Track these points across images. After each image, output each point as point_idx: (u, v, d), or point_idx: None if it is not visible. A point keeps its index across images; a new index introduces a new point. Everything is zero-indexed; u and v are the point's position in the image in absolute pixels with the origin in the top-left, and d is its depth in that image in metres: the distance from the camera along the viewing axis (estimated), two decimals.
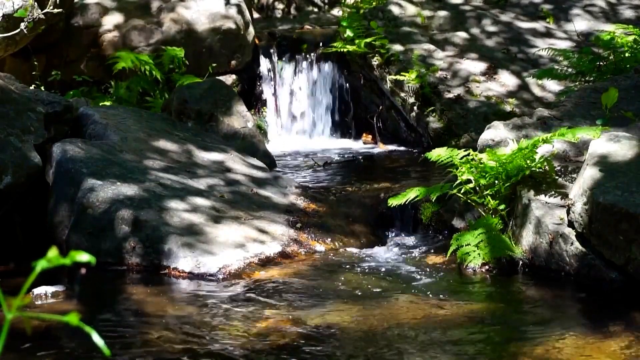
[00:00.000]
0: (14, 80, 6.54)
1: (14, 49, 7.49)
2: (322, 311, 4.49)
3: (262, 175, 6.51)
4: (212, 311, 4.50)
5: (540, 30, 9.25)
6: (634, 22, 8.93)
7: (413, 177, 7.11)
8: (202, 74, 8.75)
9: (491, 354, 3.95)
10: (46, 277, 5.09)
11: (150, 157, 6.18)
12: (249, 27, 9.25)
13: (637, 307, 4.55)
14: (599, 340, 4.02)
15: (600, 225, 4.77)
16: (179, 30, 8.85)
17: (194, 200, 5.69)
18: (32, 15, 6.54)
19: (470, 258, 5.16)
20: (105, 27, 8.72)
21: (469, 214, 5.88)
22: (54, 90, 8.10)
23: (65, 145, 5.84)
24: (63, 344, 4.13)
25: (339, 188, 6.72)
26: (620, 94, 5.99)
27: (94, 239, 5.33)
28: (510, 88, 8.40)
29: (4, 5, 6.98)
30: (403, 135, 8.87)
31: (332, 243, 5.75)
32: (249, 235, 5.48)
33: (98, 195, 5.43)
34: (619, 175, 4.89)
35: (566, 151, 5.68)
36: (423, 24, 9.30)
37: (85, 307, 4.73)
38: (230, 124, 7.52)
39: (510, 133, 5.96)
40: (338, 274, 5.15)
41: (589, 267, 4.89)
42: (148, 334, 4.17)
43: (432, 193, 5.66)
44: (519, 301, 4.88)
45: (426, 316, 4.40)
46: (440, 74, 8.46)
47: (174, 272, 5.12)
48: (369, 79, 9.12)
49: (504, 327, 4.35)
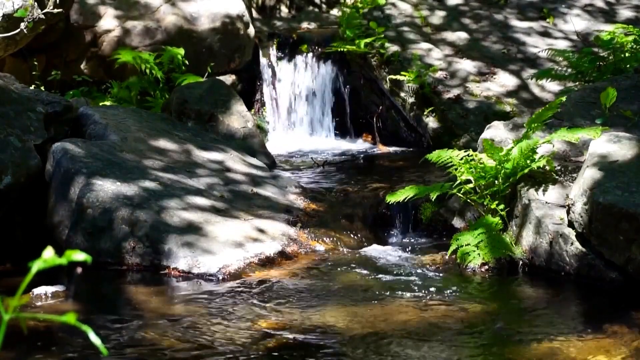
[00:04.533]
0: (14, 80, 6.55)
1: (14, 49, 7.49)
2: (321, 311, 4.49)
3: (262, 175, 6.51)
4: (212, 311, 4.50)
5: (539, 30, 9.25)
6: (633, 22, 8.93)
7: (413, 177, 7.10)
8: (202, 74, 8.74)
9: (491, 354, 3.95)
10: (46, 277, 5.10)
11: (150, 157, 6.18)
12: (249, 27, 9.25)
13: (637, 307, 4.55)
14: (599, 340, 4.02)
15: (600, 225, 4.77)
16: (179, 30, 8.85)
17: (193, 200, 5.69)
18: (32, 15, 6.53)
19: (470, 258, 5.17)
20: (105, 27, 8.72)
21: (469, 214, 5.88)
22: (54, 90, 8.10)
23: (65, 145, 5.84)
24: (63, 344, 4.13)
25: (339, 188, 6.71)
26: (620, 93, 5.99)
27: (93, 238, 5.33)
28: (510, 88, 8.40)
29: (4, 5, 6.98)
30: (403, 136, 8.87)
31: (331, 243, 5.75)
32: (248, 235, 5.48)
33: (98, 195, 5.43)
34: (619, 175, 4.89)
35: (566, 151, 5.68)
36: (422, 24, 9.30)
37: (85, 307, 4.73)
38: (230, 124, 7.52)
39: (510, 133, 5.96)
40: (338, 274, 5.15)
41: (589, 267, 4.90)
42: (148, 333, 4.17)
43: (432, 192, 5.66)
44: (519, 301, 4.88)
45: (426, 316, 4.40)
46: (440, 74, 8.45)
47: (173, 271, 5.12)
48: (368, 79, 9.12)
49: (504, 327, 4.35)
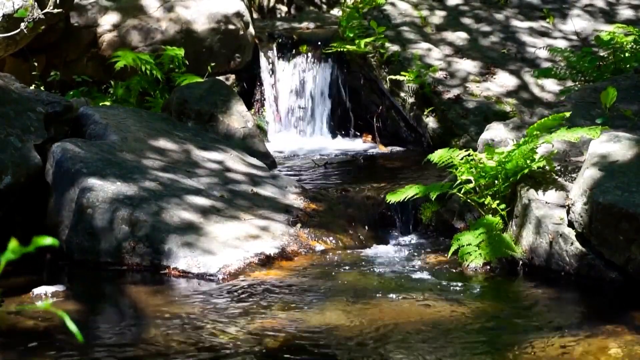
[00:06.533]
0: (14, 80, 6.54)
1: (14, 49, 7.49)
2: (321, 311, 4.49)
3: (261, 175, 6.51)
4: (212, 311, 4.50)
5: (539, 30, 9.25)
6: (633, 22, 8.93)
7: (413, 177, 7.10)
8: (202, 74, 8.74)
9: (491, 354, 3.95)
10: (46, 277, 5.11)
11: (150, 157, 6.18)
12: (249, 27, 9.26)
13: (637, 307, 4.55)
14: (599, 340, 4.02)
15: (600, 225, 4.77)
16: (178, 30, 8.85)
17: (193, 200, 5.69)
18: (32, 15, 6.54)
19: (472, 258, 5.17)
20: (105, 27, 8.72)
21: (469, 214, 5.88)
22: (54, 90, 8.10)
23: (65, 145, 5.84)
24: (63, 343, 4.13)
25: (339, 188, 6.71)
26: (620, 93, 5.99)
27: (93, 238, 5.33)
28: (510, 88, 8.40)
29: (4, 5, 6.98)
30: (403, 136, 8.87)
31: (331, 243, 5.75)
32: (248, 235, 5.48)
33: (98, 195, 5.43)
34: (619, 175, 4.89)
35: (566, 151, 5.68)
36: (422, 24, 9.30)
37: (85, 306, 4.73)
38: (230, 124, 7.52)
39: (510, 133, 5.96)
40: (338, 274, 5.15)
41: (589, 267, 4.90)
42: (148, 333, 4.17)
43: (432, 192, 5.66)
44: (519, 301, 4.88)
45: (425, 316, 4.40)
46: (440, 74, 8.45)
47: (173, 271, 5.13)
48: (368, 79, 9.12)
49: (504, 327, 4.35)
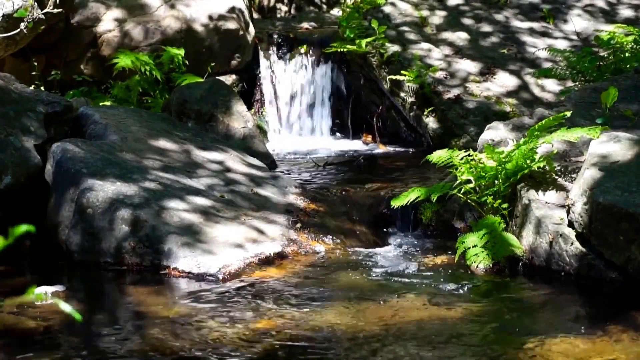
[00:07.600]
0: (14, 80, 6.54)
1: (14, 49, 7.50)
2: (321, 311, 4.49)
3: (262, 175, 6.51)
4: (212, 311, 4.50)
5: (539, 30, 9.25)
6: (633, 22, 8.93)
7: (413, 177, 7.11)
8: (202, 74, 8.75)
9: (491, 354, 3.95)
10: (47, 277, 5.10)
11: (150, 157, 6.18)
12: (249, 27, 9.26)
13: (637, 307, 4.55)
14: (599, 340, 4.02)
15: (600, 225, 4.77)
16: (178, 30, 8.85)
17: (193, 200, 5.69)
18: (32, 15, 6.54)
19: (479, 259, 5.16)
20: (105, 26, 8.72)
21: (469, 214, 5.88)
22: (54, 90, 8.11)
23: (65, 145, 5.84)
24: (63, 343, 4.13)
25: (339, 188, 6.71)
26: (620, 93, 5.99)
27: (93, 238, 5.33)
28: (510, 88, 8.40)
29: (4, 5, 6.98)
30: (403, 136, 8.87)
31: (331, 243, 5.75)
32: (248, 235, 5.48)
33: (98, 195, 5.43)
34: (619, 175, 4.89)
35: (566, 151, 5.68)
36: (422, 24, 9.30)
37: (85, 306, 4.73)
38: (230, 124, 7.52)
39: (510, 133, 5.96)
40: (338, 274, 5.15)
41: (589, 267, 4.90)
42: (148, 333, 4.17)
43: (433, 193, 5.66)
44: (519, 301, 4.88)
45: (425, 316, 4.40)
46: (440, 74, 8.45)
47: (173, 272, 5.13)
48: (369, 79, 9.12)
49: (504, 327, 4.35)
